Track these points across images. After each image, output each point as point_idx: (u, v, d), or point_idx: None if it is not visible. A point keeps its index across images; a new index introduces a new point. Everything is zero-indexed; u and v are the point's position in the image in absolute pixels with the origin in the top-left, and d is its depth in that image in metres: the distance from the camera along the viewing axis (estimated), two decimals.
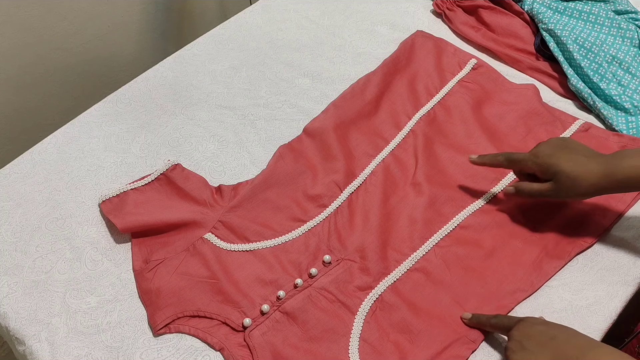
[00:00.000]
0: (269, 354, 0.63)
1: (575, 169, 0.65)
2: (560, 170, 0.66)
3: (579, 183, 0.65)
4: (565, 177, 0.66)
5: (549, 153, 0.68)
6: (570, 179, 0.65)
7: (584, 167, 0.65)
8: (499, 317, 0.64)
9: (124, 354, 0.64)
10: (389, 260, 0.71)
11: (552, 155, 0.67)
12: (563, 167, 0.66)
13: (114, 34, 1.24)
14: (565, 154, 0.67)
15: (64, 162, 0.81)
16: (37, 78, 1.16)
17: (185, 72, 0.93)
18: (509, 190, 0.71)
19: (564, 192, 0.67)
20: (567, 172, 0.65)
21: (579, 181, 0.65)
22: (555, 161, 0.67)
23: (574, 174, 0.65)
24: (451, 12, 1.02)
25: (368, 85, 0.89)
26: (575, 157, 0.66)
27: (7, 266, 0.71)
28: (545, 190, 0.68)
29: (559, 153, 0.67)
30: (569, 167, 0.66)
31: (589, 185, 0.65)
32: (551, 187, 0.67)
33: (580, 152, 0.67)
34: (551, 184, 0.67)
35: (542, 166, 0.68)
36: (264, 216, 0.75)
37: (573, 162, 0.66)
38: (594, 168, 0.65)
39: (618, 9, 0.99)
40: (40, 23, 1.09)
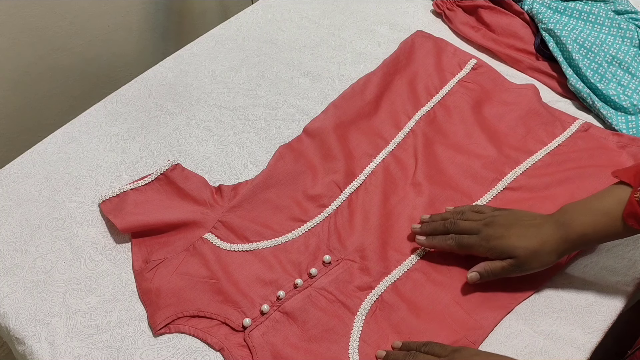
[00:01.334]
0: (268, 354, 0.63)
1: (530, 243, 0.64)
2: (516, 249, 0.64)
3: (539, 254, 0.64)
4: (523, 253, 0.64)
5: (498, 235, 0.65)
6: (529, 253, 0.64)
7: (537, 238, 0.64)
8: (430, 344, 0.61)
9: (124, 354, 0.64)
10: (389, 260, 0.71)
11: (504, 237, 0.65)
12: (518, 245, 0.64)
13: (114, 34, 1.24)
14: (516, 230, 0.65)
15: (64, 162, 0.81)
16: (37, 78, 1.16)
17: (185, 72, 0.93)
18: (472, 277, 0.67)
19: (527, 265, 0.65)
20: (524, 249, 0.64)
21: (538, 253, 0.64)
22: (509, 242, 0.65)
23: (530, 248, 0.64)
24: (451, 12, 1.02)
25: (368, 85, 0.89)
26: (526, 230, 0.65)
27: (7, 266, 0.71)
28: (508, 266, 0.65)
29: (509, 232, 0.65)
30: (523, 243, 0.64)
31: (549, 253, 0.64)
32: (513, 263, 0.65)
33: (529, 222, 0.66)
34: (513, 260, 0.65)
35: (497, 250, 0.65)
36: (264, 216, 0.75)
37: (525, 237, 0.64)
38: (547, 236, 0.64)
39: (618, 9, 0.99)
40: (40, 23, 1.09)
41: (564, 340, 0.66)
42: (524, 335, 0.66)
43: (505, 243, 0.65)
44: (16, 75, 1.12)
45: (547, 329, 0.66)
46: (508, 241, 0.65)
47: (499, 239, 0.65)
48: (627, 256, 0.73)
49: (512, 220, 0.67)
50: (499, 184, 0.78)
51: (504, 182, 0.78)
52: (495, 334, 0.66)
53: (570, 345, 0.65)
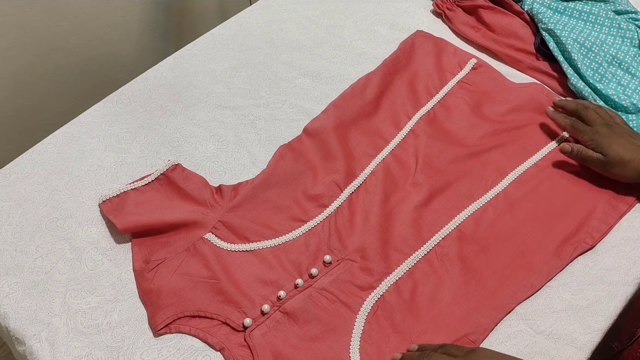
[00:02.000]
0: (269, 354, 0.63)
1: (623, 154, 0.73)
2: (607, 150, 0.74)
3: (625, 165, 0.73)
4: (612, 156, 0.74)
5: (606, 134, 0.76)
6: (617, 160, 0.73)
7: (632, 154, 0.73)
8: (445, 346, 0.62)
9: (124, 354, 0.64)
10: (390, 260, 0.71)
11: (608, 137, 0.75)
12: (613, 149, 0.74)
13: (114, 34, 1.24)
14: (619, 139, 0.75)
15: (64, 162, 0.81)
16: (37, 78, 1.16)
17: (185, 72, 0.93)
18: (564, 147, 0.78)
19: (610, 166, 0.74)
20: (615, 154, 0.73)
21: (624, 163, 0.73)
22: (609, 143, 0.75)
23: (619, 155, 0.73)
24: (451, 12, 1.02)
25: (368, 85, 0.89)
26: (627, 144, 0.74)
27: (7, 266, 0.71)
28: (595, 158, 0.75)
29: (614, 136, 0.75)
30: (617, 151, 0.74)
31: (632, 170, 0.73)
32: (601, 158, 0.75)
33: (634, 140, 0.74)
34: (601, 156, 0.75)
35: (596, 143, 0.75)
36: (264, 216, 0.75)
37: (624, 147, 0.74)
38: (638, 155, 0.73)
39: (618, 9, 0.99)
40: (40, 23, 1.08)
41: (564, 340, 0.66)
42: (524, 335, 0.66)
43: (606, 143, 0.75)
44: (16, 75, 1.12)
45: (548, 329, 0.66)
46: (609, 141, 0.75)
47: (605, 137, 0.76)
48: (627, 256, 0.73)
49: (625, 131, 0.76)
50: (498, 185, 0.78)
51: (504, 183, 0.78)
52: (495, 333, 0.66)
53: (570, 345, 0.65)
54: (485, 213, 0.76)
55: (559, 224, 0.74)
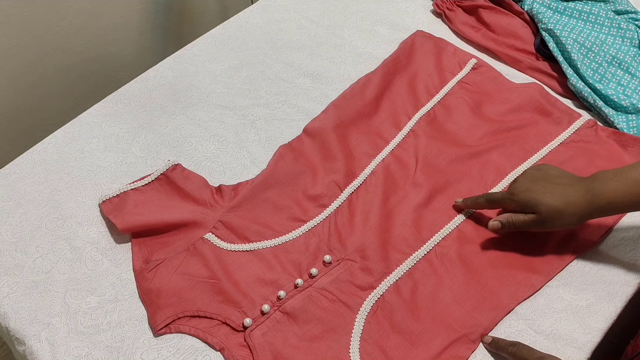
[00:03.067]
0: (269, 354, 0.63)
1: (554, 201, 0.64)
2: (539, 205, 0.65)
3: (562, 214, 0.64)
4: (546, 210, 0.65)
5: (525, 188, 0.67)
6: (551, 211, 0.64)
7: (563, 198, 0.64)
8: (518, 345, 0.62)
9: (124, 354, 0.64)
10: (390, 260, 0.71)
11: (529, 190, 0.66)
12: (541, 202, 0.65)
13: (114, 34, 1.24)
14: (542, 186, 0.66)
15: (64, 162, 0.81)
16: (37, 78, 1.16)
17: (185, 72, 0.93)
18: (494, 225, 0.69)
19: (548, 223, 0.65)
20: (547, 206, 0.64)
21: (561, 212, 0.64)
22: (534, 196, 0.66)
23: (554, 206, 0.64)
24: (451, 12, 1.02)
25: (368, 85, 0.89)
26: (553, 188, 0.65)
27: (7, 266, 0.71)
28: (530, 221, 0.66)
29: (536, 186, 0.66)
30: (548, 200, 0.65)
31: (572, 215, 0.64)
32: (535, 218, 0.66)
33: (558, 180, 0.66)
34: (535, 216, 0.66)
35: (521, 203, 0.67)
36: (264, 216, 0.75)
37: (550, 194, 0.65)
38: (574, 197, 0.64)
39: (618, 9, 0.99)
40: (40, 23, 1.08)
41: (564, 340, 0.66)
42: (524, 335, 0.66)
43: (530, 196, 0.66)
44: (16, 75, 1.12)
45: (548, 329, 0.66)
46: (533, 194, 0.66)
47: (525, 192, 0.67)
48: (627, 256, 0.73)
49: (540, 175, 0.68)
50: (498, 185, 0.78)
51: (504, 183, 0.78)
52: (495, 333, 0.66)
53: (570, 345, 0.65)
54: (485, 213, 0.75)
55: None
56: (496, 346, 0.64)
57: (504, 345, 0.63)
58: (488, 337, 0.65)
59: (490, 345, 0.65)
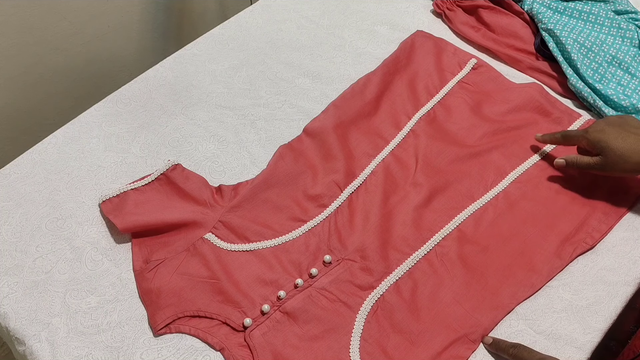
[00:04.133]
0: (269, 354, 0.63)
1: (621, 146, 0.69)
2: (607, 146, 0.69)
3: (625, 160, 0.69)
4: (612, 153, 0.69)
5: (599, 129, 0.71)
6: (617, 155, 0.69)
7: (630, 145, 0.68)
8: (519, 347, 0.62)
9: (124, 354, 0.64)
10: (390, 260, 0.71)
11: (602, 131, 0.71)
12: (610, 144, 0.69)
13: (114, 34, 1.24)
14: (616, 131, 0.70)
15: (64, 162, 0.81)
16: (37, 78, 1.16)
17: (185, 72, 0.93)
18: (559, 162, 0.75)
19: (609, 166, 0.70)
20: (614, 149, 0.69)
21: (625, 158, 0.68)
22: (604, 137, 0.70)
23: (620, 150, 0.69)
24: (451, 12, 1.02)
25: (368, 85, 0.89)
26: (626, 135, 0.69)
27: (7, 266, 0.71)
28: (593, 163, 0.71)
29: (610, 129, 0.71)
30: (616, 144, 0.69)
31: (635, 163, 0.69)
32: (599, 160, 0.71)
33: (633, 130, 0.70)
34: (599, 157, 0.71)
35: (591, 141, 0.71)
36: (264, 216, 0.75)
37: (621, 139, 0.69)
38: None
39: (618, 9, 0.99)
40: (40, 23, 1.08)
41: (564, 340, 0.66)
42: (525, 335, 0.66)
43: (602, 138, 0.70)
44: (16, 75, 1.12)
45: (548, 329, 0.66)
46: (605, 136, 0.70)
47: (599, 132, 0.71)
48: (627, 256, 0.73)
49: (619, 122, 0.72)
50: (498, 185, 0.78)
51: (504, 183, 0.78)
52: (495, 333, 0.66)
53: (570, 345, 0.65)
54: (485, 213, 0.76)
55: (559, 224, 0.74)
56: (497, 347, 0.64)
57: (504, 347, 0.63)
58: (489, 338, 0.65)
59: (490, 346, 0.65)
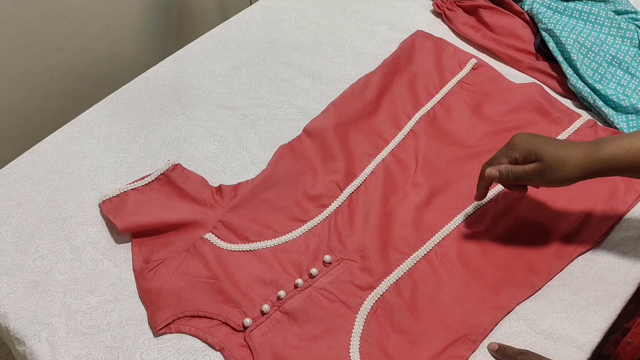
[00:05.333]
0: (269, 354, 0.63)
1: (557, 150, 0.63)
2: (541, 151, 0.63)
3: (563, 163, 0.62)
4: (549, 157, 0.63)
5: (526, 138, 0.65)
6: (554, 159, 0.62)
7: (565, 150, 0.63)
8: (527, 354, 0.62)
9: (124, 354, 0.64)
10: (390, 260, 0.71)
11: (531, 140, 0.65)
12: (545, 148, 0.63)
13: (114, 34, 1.24)
14: (544, 139, 0.65)
15: (64, 162, 0.81)
16: (37, 78, 1.16)
17: (185, 72, 0.93)
18: (491, 173, 0.66)
19: (548, 173, 0.63)
20: (550, 152, 0.63)
21: (563, 161, 0.62)
22: (536, 145, 0.64)
23: (556, 154, 0.62)
24: (451, 12, 1.02)
25: (368, 85, 0.89)
26: (555, 142, 0.65)
27: (7, 266, 0.71)
28: (530, 170, 0.64)
29: (538, 138, 0.65)
30: (550, 149, 0.63)
31: (574, 166, 0.62)
32: (536, 167, 0.64)
33: (558, 140, 0.66)
34: (536, 164, 0.64)
35: (523, 151, 0.65)
36: (264, 216, 0.75)
37: (554, 145, 0.64)
38: (576, 150, 0.63)
39: (618, 9, 0.99)
40: (40, 23, 1.08)
41: (564, 340, 0.66)
42: (525, 335, 0.66)
43: (532, 144, 0.64)
44: (16, 75, 1.12)
45: (548, 329, 0.66)
46: (537, 144, 0.64)
47: (527, 141, 0.65)
48: (627, 256, 0.73)
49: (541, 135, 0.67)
50: (499, 184, 0.78)
51: None
52: (495, 333, 0.66)
53: (570, 345, 0.65)
54: (485, 213, 0.76)
55: (559, 224, 0.74)
56: (503, 354, 0.63)
57: (511, 354, 0.62)
58: (494, 345, 0.64)
59: (497, 352, 0.64)
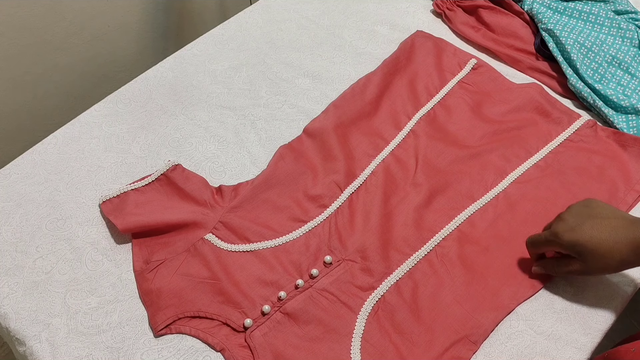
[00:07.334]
0: (270, 355, 0.63)
1: (600, 246, 0.60)
2: (584, 250, 0.61)
3: (607, 261, 0.60)
4: (592, 255, 0.60)
5: (569, 228, 0.62)
6: (598, 256, 0.60)
7: (610, 243, 0.59)
8: None
9: (124, 354, 0.64)
10: (391, 260, 0.71)
11: (573, 231, 0.62)
12: (587, 245, 0.60)
13: (114, 34, 1.24)
14: (588, 226, 0.61)
15: (64, 162, 0.81)
16: (37, 78, 1.16)
17: (185, 72, 0.93)
18: (536, 270, 0.68)
19: (593, 270, 0.62)
20: (593, 250, 0.60)
21: (607, 258, 0.60)
22: (578, 237, 0.61)
23: (600, 251, 0.60)
24: (451, 12, 1.02)
25: (368, 85, 0.89)
26: (599, 226, 0.61)
27: (7, 267, 0.71)
28: (574, 270, 0.63)
29: (580, 226, 0.61)
30: (593, 243, 0.60)
31: (618, 262, 0.60)
32: (580, 267, 0.63)
33: (606, 221, 0.61)
34: (580, 264, 0.62)
35: (566, 246, 0.62)
36: (264, 216, 0.75)
37: (597, 235, 0.60)
38: (621, 243, 0.59)
39: (618, 9, 0.99)
40: (40, 23, 1.08)
41: (565, 340, 0.66)
42: (525, 335, 0.66)
43: (575, 239, 0.61)
44: (16, 75, 1.12)
45: (548, 330, 0.66)
46: (578, 236, 0.61)
47: (570, 233, 0.62)
48: None
49: (587, 212, 0.63)
50: (499, 184, 0.78)
51: (505, 182, 0.78)
52: (496, 334, 0.66)
53: (570, 345, 0.65)
54: (485, 213, 0.76)
55: None
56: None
57: None
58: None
59: None
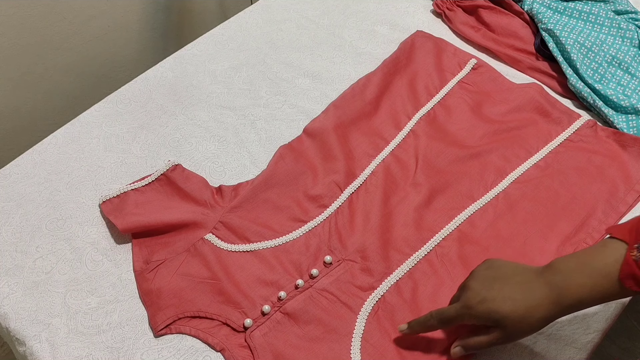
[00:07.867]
0: (270, 355, 0.63)
1: (517, 308, 0.55)
2: (500, 317, 0.55)
3: (527, 322, 0.55)
4: (510, 321, 0.55)
5: (480, 299, 0.57)
6: (516, 321, 0.55)
7: (526, 302, 0.55)
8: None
9: (124, 354, 0.64)
10: (391, 260, 0.71)
11: (484, 300, 0.56)
12: (502, 311, 0.55)
13: (114, 34, 1.24)
14: (498, 291, 0.56)
15: (64, 162, 0.81)
16: (37, 78, 1.16)
17: (185, 72, 0.93)
18: (456, 352, 0.61)
19: (514, 335, 0.57)
20: (509, 316, 0.55)
21: (527, 320, 0.55)
22: (491, 306, 0.56)
23: (516, 314, 0.55)
24: (451, 12, 1.02)
25: (368, 85, 0.89)
26: (511, 291, 0.56)
27: (7, 267, 0.71)
28: (495, 340, 0.57)
29: (492, 293, 0.57)
30: (509, 308, 0.55)
31: (539, 320, 0.55)
32: (500, 335, 0.56)
33: (514, 279, 0.57)
34: (498, 332, 0.56)
35: (480, 318, 0.57)
36: (264, 216, 0.75)
37: (511, 300, 0.55)
38: (538, 299, 0.55)
39: (618, 9, 0.99)
40: (40, 23, 1.08)
41: (565, 341, 0.66)
42: None
43: (489, 308, 0.56)
44: (16, 75, 1.12)
45: (548, 330, 0.66)
46: (491, 305, 0.56)
47: (482, 303, 0.57)
48: None
49: (493, 275, 0.59)
50: (499, 184, 0.78)
51: (505, 182, 0.78)
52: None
53: (570, 345, 0.65)
54: (485, 213, 0.76)
55: (559, 224, 0.74)
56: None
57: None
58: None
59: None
